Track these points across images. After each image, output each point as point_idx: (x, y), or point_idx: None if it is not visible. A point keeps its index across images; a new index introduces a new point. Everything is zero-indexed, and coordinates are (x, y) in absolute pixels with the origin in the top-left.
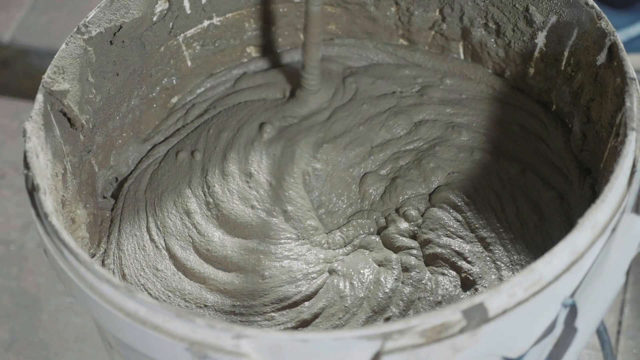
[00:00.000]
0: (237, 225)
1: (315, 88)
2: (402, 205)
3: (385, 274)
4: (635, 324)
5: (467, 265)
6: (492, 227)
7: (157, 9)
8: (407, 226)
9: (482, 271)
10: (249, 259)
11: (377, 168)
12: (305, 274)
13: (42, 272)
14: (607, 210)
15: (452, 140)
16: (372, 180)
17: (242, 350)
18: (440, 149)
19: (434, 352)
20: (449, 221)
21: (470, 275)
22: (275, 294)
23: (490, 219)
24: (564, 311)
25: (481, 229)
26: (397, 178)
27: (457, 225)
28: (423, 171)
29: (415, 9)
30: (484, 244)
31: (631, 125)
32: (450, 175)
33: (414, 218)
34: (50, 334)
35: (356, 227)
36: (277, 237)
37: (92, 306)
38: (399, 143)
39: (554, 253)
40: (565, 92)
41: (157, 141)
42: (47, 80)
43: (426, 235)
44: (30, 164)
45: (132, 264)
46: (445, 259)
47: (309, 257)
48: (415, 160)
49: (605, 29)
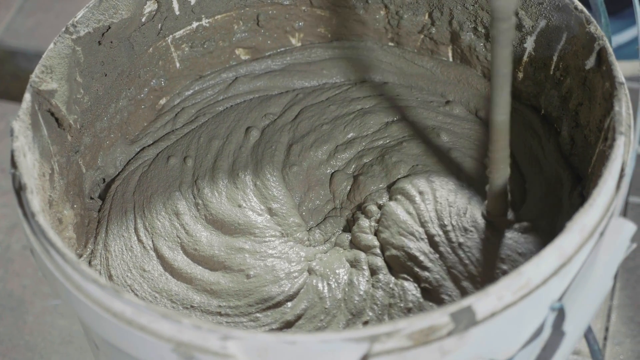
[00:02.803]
0: (225, 224)
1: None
2: (365, 201)
3: (357, 275)
4: (622, 330)
5: (423, 272)
6: (441, 222)
7: (146, 10)
8: (368, 223)
9: (438, 278)
10: (234, 257)
11: (344, 167)
12: (288, 273)
13: (27, 274)
14: (595, 214)
15: (425, 140)
16: (339, 179)
17: (228, 352)
18: (407, 145)
19: (422, 354)
20: (401, 214)
21: (429, 284)
22: (260, 294)
23: (442, 212)
24: (551, 315)
25: (431, 224)
26: (360, 175)
27: (408, 219)
28: (385, 166)
29: (404, 13)
30: (432, 242)
31: (620, 129)
32: (413, 168)
33: (373, 213)
34: (36, 336)
35: (332, 225)
36: (262, 234)
37: (79, 306)
38: (365, 141)
39: (542, 257)
40: (554, 97)
41: (146, 144)
42: (35, 80)
43: (382, 234)
44: (17, 163)
45: (119, 265)
46: (402, 264)
47: (292, 255)
48: (379, 156)
49: (594, 34)
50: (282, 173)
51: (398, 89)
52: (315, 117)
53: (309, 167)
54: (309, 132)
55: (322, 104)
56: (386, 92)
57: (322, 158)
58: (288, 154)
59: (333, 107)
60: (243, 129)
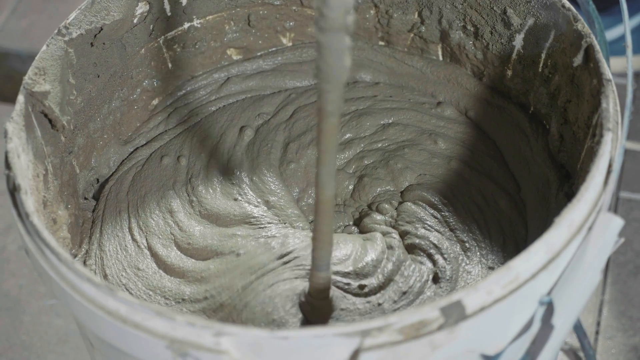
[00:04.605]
0: (220, 217)
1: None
2: (374, 201)
3: (371, 245)
4: (613, 325)
5: (443, 261)
6: (473, 234)
7: (138, 11)
8: (383, 218)
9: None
10: (227, 243)
11: (344, 166)
12: (283, 243)
13: (23, 274)
14: (583, 209)
15: (425, 146)
16: (341, 178)
17: (222, 348)
18: (409, 152)
19: (413, 349)
20: (426, 216)
21: (440, 272)
22: (247, 265)
23: (472, 227)
24: (540, 309)
25: (460, 232)
26: (364, 177)
27: (435, 222)
28: (391, 171)
29: (394, 12)
30: (463, 247)
31: (607, 125)
32: (422, 176)
33: (388, 210)
34: (32, 336)
35: (335, 219)
36: (258, 222)
37: (74, 305)
38: (363, 142)
39: (531, 251)
40: (543, 94)
41: (139, 144)
42: (28, 82)
43: (403, 227)
44: (11, 164)
45: (113, 265)
46: (423, 249)
47: (290, 233)
48: (382, 160)
49: (581, 31)
50: (280, 170)
51: (389, 89)
52: (311, 116)
53: (307, 165)
54: (305, 132)
55: (316, 104)
56: (378, 92)
57: None
58: (285, 152)
59: None
60: (237, 128)
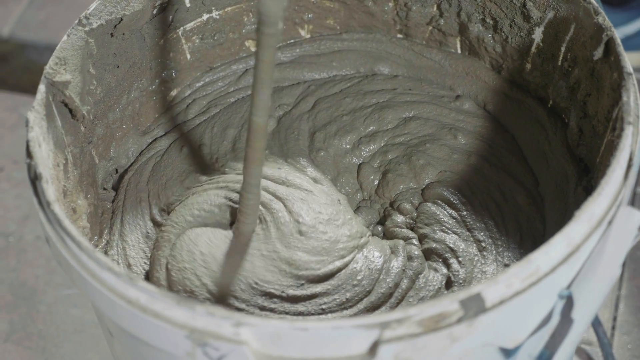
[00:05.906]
0: None
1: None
2: (396, 199)
3: (395, 261)
4: (630, 320)
5: (457, 265)
6: (490, 232)
7: (158, 2)
8: (403, 219)
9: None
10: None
11: (369, 159)
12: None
13: (40, 264)
14: (603, 202)
15: (446, 141)
16: (367, 172)
17: (241, 338)
18: (431, 147)
19: (432, 341)
20: (444, 217)
21: (453, 276)
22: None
23: (490, 225)
24: (560, 302)
25: (477, 231)
26: (387, 172)
27: (453, 222)
28: (413, 167)
29: (413, 4)
30: (479, 246)
31: (628, 119)
32: (443, 173)
33: (408, 211)
34: (49, 325)
35: (367, 214)
36: (303, 187)
37: (94, 294)
38: (386, 136)
39: (551, 244)
40: (562, 88)
41: (158, 135)
42: (49, 71)
43: (422, 230)
44: (32, 153)
45: (137, 254)
46: (439, 254)
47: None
48: (404, 155)
49: (602, 24)
50: (310, 157)
51: (408, 82)
52: (333, 108)
53: (335, 154)
54: (330, 122)
55: (336, 95)
56: (397, 85)
57: (347, 147)
58: (312, 140)
59: (349, 100)
60: None
